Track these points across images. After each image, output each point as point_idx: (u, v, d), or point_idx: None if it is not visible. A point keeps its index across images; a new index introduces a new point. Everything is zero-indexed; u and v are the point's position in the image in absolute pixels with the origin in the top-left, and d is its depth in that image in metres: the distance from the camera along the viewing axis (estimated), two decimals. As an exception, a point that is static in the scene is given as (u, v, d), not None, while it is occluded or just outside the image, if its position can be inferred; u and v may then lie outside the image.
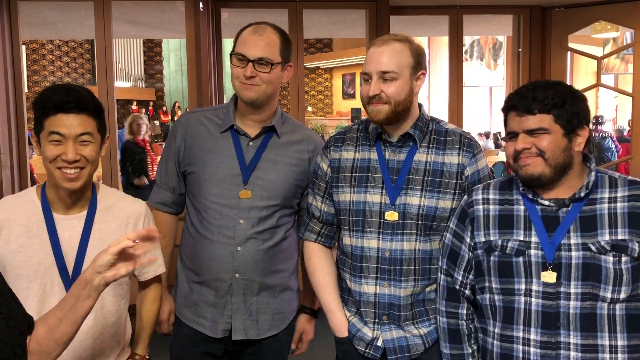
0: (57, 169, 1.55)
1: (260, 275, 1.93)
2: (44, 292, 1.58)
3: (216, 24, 4.45)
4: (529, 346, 1.53)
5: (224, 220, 1.90)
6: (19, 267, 1.57)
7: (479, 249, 1.62)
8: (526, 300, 1.53)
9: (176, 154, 1.98)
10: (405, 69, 1.72)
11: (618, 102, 13.48)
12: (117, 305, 1.69)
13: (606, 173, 1.59)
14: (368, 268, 1.79)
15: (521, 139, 1.52)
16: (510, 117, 1.56)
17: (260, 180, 1.91)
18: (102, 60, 4.13)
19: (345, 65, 15.74)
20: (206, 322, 1.94)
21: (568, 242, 1.51)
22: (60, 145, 1.54)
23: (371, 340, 1.80)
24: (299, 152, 1.98)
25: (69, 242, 1.61)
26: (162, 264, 1.83)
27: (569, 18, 4.68)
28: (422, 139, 1.79)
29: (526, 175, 1.53)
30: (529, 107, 1.51)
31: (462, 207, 1.69)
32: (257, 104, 1.90)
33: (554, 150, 1.51)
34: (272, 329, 1.98)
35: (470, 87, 12.52)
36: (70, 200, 1.62)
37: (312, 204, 1.91)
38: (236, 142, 1.94)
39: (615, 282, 1.48)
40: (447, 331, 1.70)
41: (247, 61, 1.84)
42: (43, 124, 1.55)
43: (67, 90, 1.55)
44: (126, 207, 1.72)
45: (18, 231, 1.59)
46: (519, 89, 1.56)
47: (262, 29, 1.89)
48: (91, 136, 1.56)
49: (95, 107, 1.58)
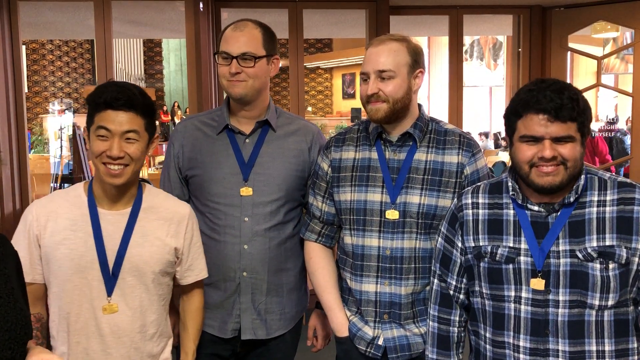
0: (102, 164, 1.58)
1: (268, 274, 1.93)
2: (84, 285, 1.61)
3: (216, 24, 4.45)
4: (518, 352, 1.51)
5: (229, 220, 1.91)
6: (61, 258, 1.61)
7: (469, 253, 1.60)
8: (515, 307, 1.52)
9: (176, 160, 2.00)
10: (403, 68, 1.73)
11: (618, 102, 13.47)
12: (157, 304, 1.70)
13: (596, 174, 1.55)
14: (369, 267, 1.79)
15: (549, 145, 1.43)
16: (534, 120, 1.44)
17: (261, 175, 1.92)
18: (102, 60, 4.13)
19: (345, 65, 15.73)
20: (215, 323, 1.95)
21: (557, 249, 1.49)
22: (106, 141, 1.57)
23: (372, 339, 1.81)
24: (297, 143, 1.99)
25: (112, 237, 1.63)
26: (204, 268, 1.83)
27: (569, 18, 4.68)
28: (422, 139, 1.80)
29: (548, 185, 1.45)
30: (561, 113, 1.41)
31: (452, 210, 1.67)
32: (247, 100, 1.91)
33: (576, 159, 1.45)
34: (280, 328, 1.98)
35: (470, 87, 12.52)
36: (115, 196, 1.65)
37: (313, 204, 1.92)
38: (233, 141, 1.95)
39: (602, 289, 1.46)
40: (437, 336, 1.68)
41: (231, 58, 1.86)
42: (93, 119, 1.59)
43: (118, 87, 1.59)
44: (170, 208, 1.74)
45: (63, 224, 1.63)
46: (541, 90, 1.44)
47: (243, 25, 1.91)
48: (137, 134, 1.59)
49: (145, 106, 1.61)
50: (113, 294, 1.62)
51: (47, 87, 14.42)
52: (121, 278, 1.63)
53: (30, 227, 1.64)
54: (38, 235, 1.63)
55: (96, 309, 1.62)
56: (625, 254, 1.46)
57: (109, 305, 1.62)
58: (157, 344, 1.71)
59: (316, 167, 1.93)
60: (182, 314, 1.84)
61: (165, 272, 1.70)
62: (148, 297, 1.66)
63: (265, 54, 1.90)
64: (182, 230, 1.73)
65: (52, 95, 14.30)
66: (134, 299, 1.64)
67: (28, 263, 1.62)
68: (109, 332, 1.62)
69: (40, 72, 14.32)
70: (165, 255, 1.69)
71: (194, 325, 1.82)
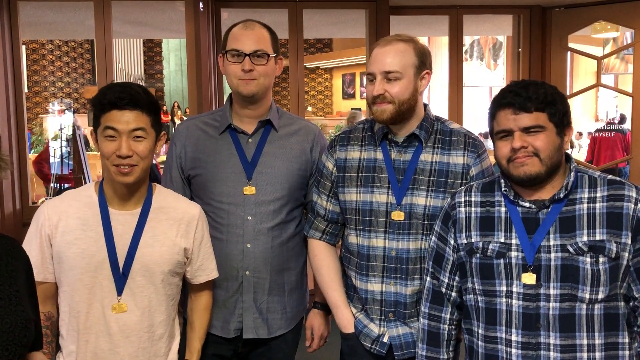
0: (113, 165, 1.59)
1: (270, 273, 1.94)
2: (94, 284, 1.62)
3: (216, 24, 4.45)
4: (510, 347, 1.53)
5: (232, 219, 1.92)
6: (73, 258, 1.62)
7: (462, 250, 1.62)
8: (507, 302, 1.54)
9: (178, 160, 2.00)
10: (409, 69, 1.74)
11: (618, 102, 13.47)
12: (166, 304, 1.70)
13: (586, 172, 1.59)
14: (374, 267, 1.80)
15: (518, 136, 1.50)
16: (502, 115, 1.53)
17: (263, 174, 1.93)
18: (102, 60, 4.13)
19: (345, 65, 15.73)
20: (218, 322, 1.95)
21: (547, 244, 1.51)
22: (114, 141, 1.59)
23: (377, 336, 1.82)
24: (299, 143, 2.00)
25: (122, 236, 1.65)
26: (215, 268, 1.84)
27: (569, 18, 4.68)
28: (428, 139, 1.80)
29: (524, 175, 1.51)
30: (525, 104, 1.49)
31: (445, 209, 1.69)
32: (257, 98, 1.92)
33: (550, 149, 1.50)
34: (281, 328, 1.99)
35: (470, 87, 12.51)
36: (125, 196, 1.66)
37: (317, 203, 1.92)
38: (235, 141, 1.96)
39: (593, 283, 1.48)
40: (427, 333, 1.70)
41: (243, 56, 1.86)
42: (99, 120, 1.60)
43: (121, 87, 1.61)
44: (180, 208, 1.75)
45: (74, 224, 1.64)
46: (510, 88, 1.54)
47: (252, 24, 1.92)
48: (144, 132, 1.61)
49: (149, 104, 1.62)
50: (123, 294, 1.63)
51: (47, 87, 14.42)
52: (131, 278, 1.64)
53: (42, 227, 1.65)
54: (50, 235, 1.65)
55: (106, 308, 1.63)
56: (615, 249, 1.49)
57: (118, 304, 1.63)
58: (165, 344, 1.72)
59: (320, 165, 1.94)
60: (189, 312, 1.85)
61: (174, 272, 1.71)
62: (157, 297, 1.67)
63: (274, 54, 1.92)
64: (192, 230, 1.74)
65: (52, 95, 14.31)
66: (143, 298, 1.65)
67: (40, 262, 1.64)
68: (117, 331, 1.63)
69: (40, 72, 14.32)
70: (174, 255, 1.70)
71: (201, 325, 1.83)
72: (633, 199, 1.51)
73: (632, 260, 1.50)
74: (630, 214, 1.50)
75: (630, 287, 1.51)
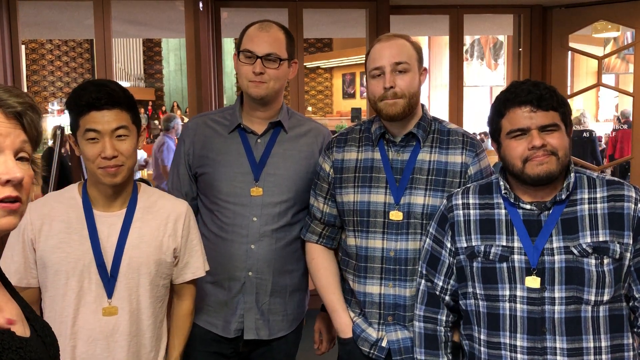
0: (99, 168, 1.55)
1: (272, 275, 1.93)
2: (82, 289, 1.59)
3: (216, 24, 4.44)
4: (515, 352, 1.51)
5: (238, 219, 1.90)
6: (58, 262, 1.58)
7: (461, 254, 1.59)
8: (511, 307, 1.51)
9: (186, 157, 1.99)
10: (415, 62, 1.75)
11: (618, 102, 13.46)
12: (154, 307, 1.67)
13: (584, 173, 1.58)
14: (373, 268, 1.78)
15: (536, 135, 1.47)
16: (518, 114, 1.49)
17: (271, 176, 1.91)
18: (101, 60, 4.12)
19: (345, 65, 15.72)
20: (219, 322, 1.94)
21: (551, 246, 1.50)
22: (97, 143, 1.54)
23: (376, 341, 1.80)
24: (308, 145, 1.98)
25: (108, 239, 1.61)
26: (201, 267, 1.78)
27: (569, 18, 4.67)
28: (426, 139, 1.79)
29: (542, 172, 1.47)
30: (542, 102, 1.47)
31: (441, 211, 1.66)
32: (266, 101, 1.90)
33: (565, 148, 1.49)
34: (282, 329, 1.98)
35: (470, 87, 12.50)
36: (110, 197, 1.63)
37: (314, 205, 1.91)
38: (244, 141, 1.94)
39: (598, 284, 1.46)
40: (424, 336, 1.67)
41: (255, 57, 1.84)
42: (78, 123, 1.55)
43: (97, 86, 1.55)
44: (166, 206, 1.71)
45: (58, 227, 1.60)
46: (521, 86, 1.51)
47: (268, 26, 1.89)
48: (127, 129, 1.57)
49: (127, 100, 1.58)
50: (113, 297, 1.60)
51: (46, 87, 14.41)
52: (119, 280, 1.60)
53: (24, 231, 1.60)
54: (33, 239, 1.60)
55: (95, 312, 1.59)
56: (619, 249, 1.48)
57: (109, 307, 1.60)
58: (154, 347, 1.69)
59: (317, 167, 1.92)
60: (172, 318, 1.81)
61: (163, 273, 1.69)
62: (145, 300, 1.64)
63: (288, 57, 1.90)
64: (180, 227, 1.71)
65: (52, 95, 14.30)
66: (132, 301, 1.62)
67: (22, 267, 1.60)
68: (107, 335, 1.60)
69: (40, 71, 14.31)
70: (161, 255, 1.67)
71: (181, 334, 1.79)
72: (633, 199, 1.50)
73: (632, 260, 1.49)
74: (631, 214, 1.49)
75: (630, 287, 1.51)
